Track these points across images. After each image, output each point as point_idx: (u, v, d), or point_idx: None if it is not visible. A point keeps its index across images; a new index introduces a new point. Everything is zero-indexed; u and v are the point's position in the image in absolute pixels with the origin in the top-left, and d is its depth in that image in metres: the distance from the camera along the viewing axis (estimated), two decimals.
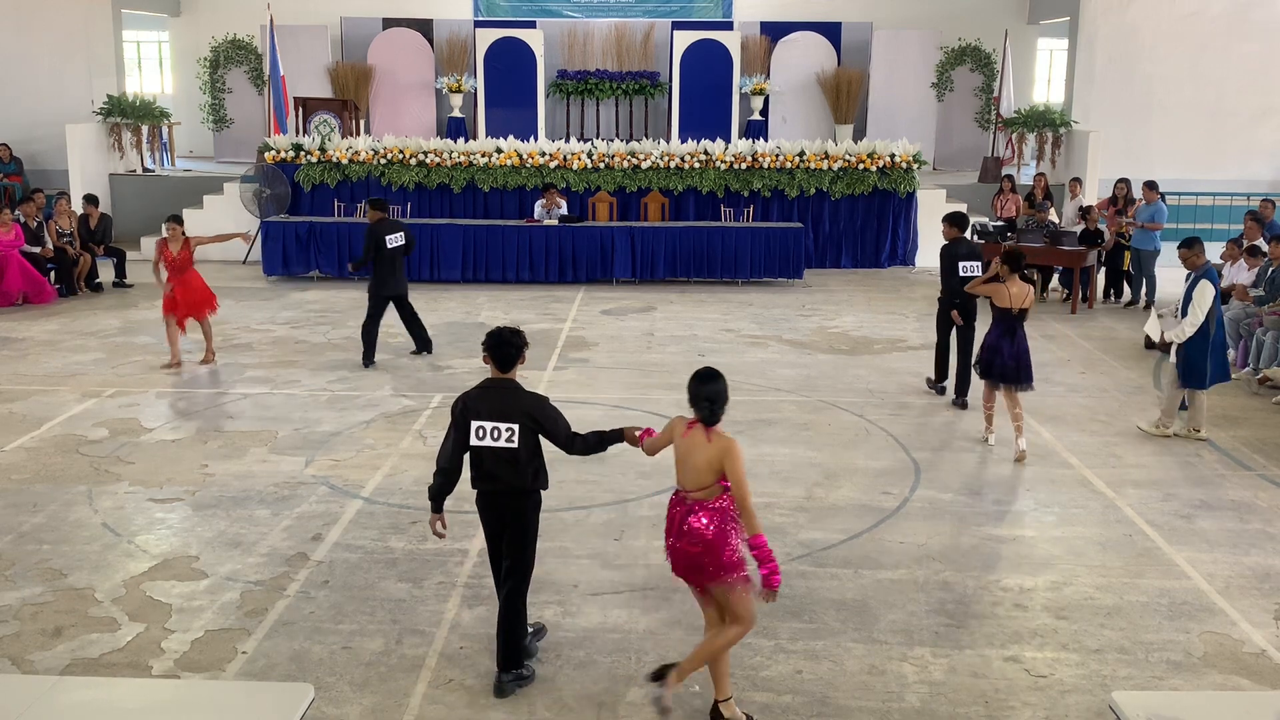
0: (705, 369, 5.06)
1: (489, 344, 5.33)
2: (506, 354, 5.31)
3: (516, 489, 5.30)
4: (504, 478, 5.28)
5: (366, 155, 16.53)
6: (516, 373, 5.37)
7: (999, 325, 8.77)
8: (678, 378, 10.74)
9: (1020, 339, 8.72)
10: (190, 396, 10.11)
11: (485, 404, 5.25)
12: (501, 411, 5.22)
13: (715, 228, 15.75)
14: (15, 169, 18.13)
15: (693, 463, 4.94)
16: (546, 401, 5.37)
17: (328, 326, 12.91)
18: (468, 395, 5.34)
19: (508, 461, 5.25)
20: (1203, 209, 17.76)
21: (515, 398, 5.29)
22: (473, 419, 5.24)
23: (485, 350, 5.36)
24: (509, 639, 5.38)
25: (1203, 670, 5.64)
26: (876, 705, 5.29)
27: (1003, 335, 8.71)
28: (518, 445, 5.22)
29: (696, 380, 5.01)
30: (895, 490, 7.97)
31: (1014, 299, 8.71)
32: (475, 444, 5.24)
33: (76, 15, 19.11)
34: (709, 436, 4.92)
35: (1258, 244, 12.38)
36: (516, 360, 5.34)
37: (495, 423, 5.21)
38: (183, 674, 5.49)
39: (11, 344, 11.95)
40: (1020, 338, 8.73)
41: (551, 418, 5.31)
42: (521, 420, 5.22)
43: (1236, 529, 7.39)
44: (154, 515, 7.48)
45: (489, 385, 5.34)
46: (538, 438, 5.32)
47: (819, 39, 21.11)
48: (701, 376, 5.02)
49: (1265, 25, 18.15)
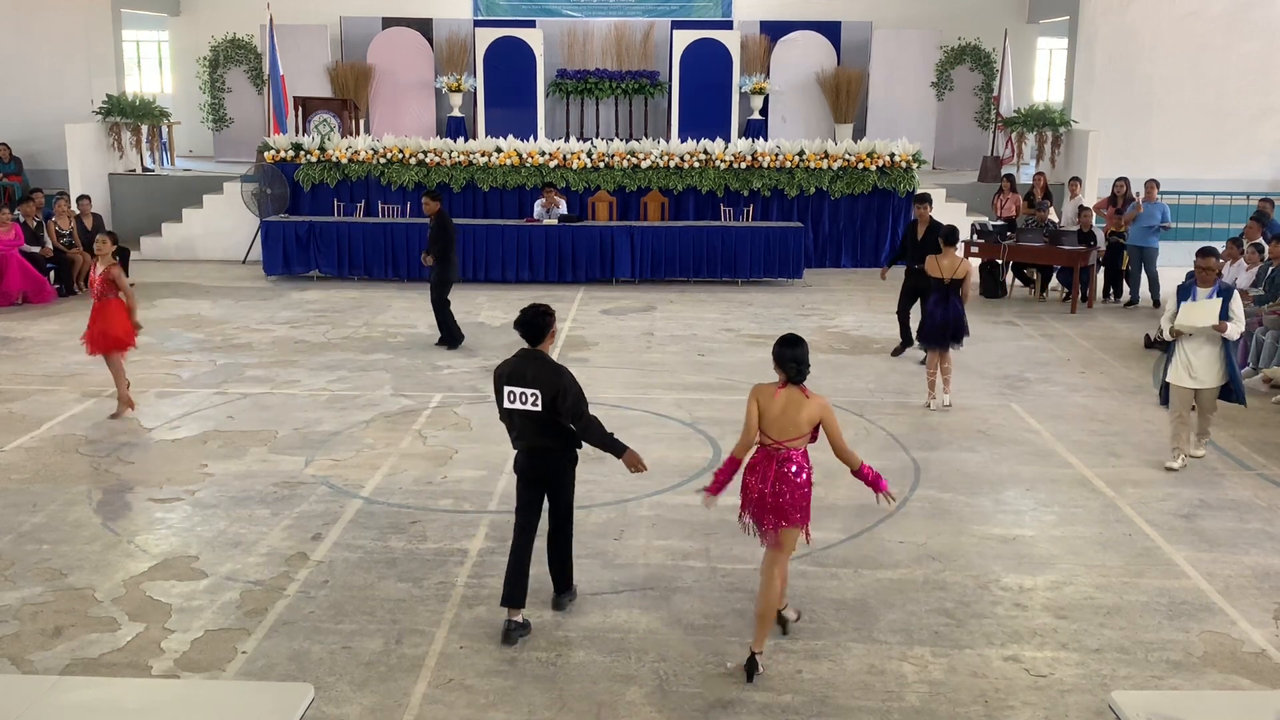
0: (789, 335, 5.60)
1: (520, 320, 5.89)
2: (534, 328, 5.86)
3: (546, 448, 5.89)
4: (533, 438, 5.85)
5: (366, 155, 16.53)
6: (547, 345, 5.89)
7: (934, 294, 9.95)
8: (677, 377, 10.79)
9: (954, 305, 9.79)
10: (190, 396, 10.11)
11: (516, 371, 5.82)
12: (528, 378, 5.77)
13: (715, 227, 15.76)
14: (15, 169, 18.12)
15: (791, 417, 5.48)
16: (565, 373, 5.82)
17: (327, 326, 12.91)
18: (504, 363, 5.94)
19: (535, 423, 5.80)
20: (1203, 209, 17.76)
21: (541, 366, 5.80)
22: (505, 385, 5.82)
23: (516, 326, 5.92)
24: (562, 566, 6.20)
25: (1202, 670, 5.64)
26: (876, 705, 5.29)
27: (937, 303, 9.86)
28: (542, 409, 5.73)
29: (782, 344, 5.52)
30: (895, 490, 7.91)
31: (944, 270, 9.79)
32: (507, 407, 5.83)
33: (76, 15, 19.11)
34: (805, 393, 5.51)
35: (1259, 242, 12.37)
36: (544, 334, 5.86)
37: (522, 388, 5.76)
38: (183, 674, 5.50)
39: (11, 344, 11.95)
40: (954, 304, 9.79)
41: (564, 389, 5.74)
42: (543, 387, 5.72)
43: (1236, 529, 7.39)
44: (154, 515, 7.48)
45: (521, 354, 5.89)
46: None
47: (819, 38, 21.12)
48: (786, 341, 5.54)
49: (1265, 25, 18.16)
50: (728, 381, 10.69)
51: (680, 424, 9.33)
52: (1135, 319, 13.79)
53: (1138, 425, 9.54)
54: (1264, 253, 12.05)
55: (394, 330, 12.73)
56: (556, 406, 5.73)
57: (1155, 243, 14.48)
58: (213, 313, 13.53)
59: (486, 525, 7.30)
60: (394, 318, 13.38)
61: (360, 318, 13.37)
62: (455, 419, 9.50)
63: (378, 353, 11.68)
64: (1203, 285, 8.22)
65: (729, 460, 5.66)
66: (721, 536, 7.12)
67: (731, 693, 5.36)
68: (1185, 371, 8.27)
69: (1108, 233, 14.95)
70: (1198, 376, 8.24)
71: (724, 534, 7.16)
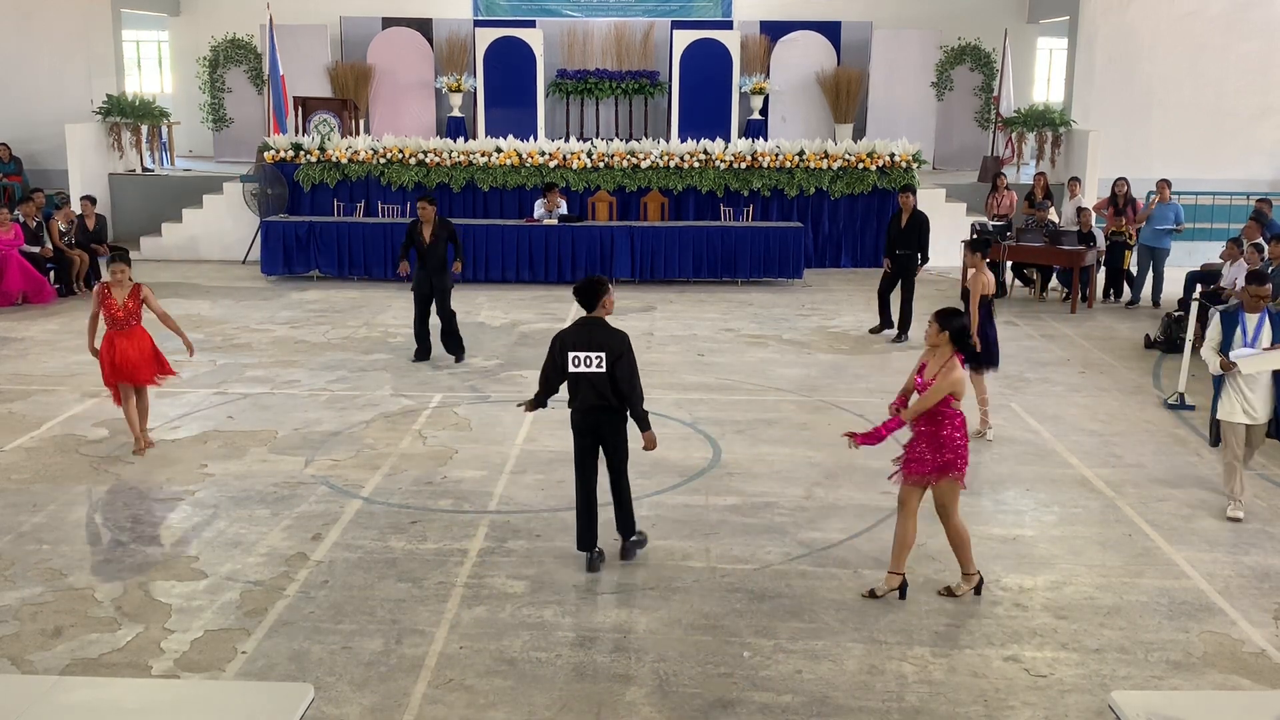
0: (948, 309, 6.32)
1: (577, 288, 6.55)
2: (589, 297, 6.47)
3: (604, 406, 6.45)
4: (593, 397, 6.42)
5: (366, 155, 16.53)
6: (603, 313, 6.48)
7: (983, 311, 9.32)
8: (677, 377, 10.79)
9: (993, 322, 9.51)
10: (190, 396, 10.11)
11: (579, 337, 6.43)
12: (591, 343, 6.38)
13: (715, 227, 15.75)
14: (15, 169, 18.12)
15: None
16: (625, 340, 6.43)
17: (327, 326, 12.91)
18: (564, 331, 6.53)
19: (597, 383, 6.39)
20: (1202, 208, 17.75)
21: (603, 332, 6.44)
22: (569, 350, 6.39)
23: (575, 294, 6.56)
24: (622, 509, 6.69)
25: (1202, 670, 5.64)
26: (876, 705, 5.29)
27: (988, 320, 9.37)
28: (605, 370, 6.34)
29: (949, 315, 6.24)
30: (895, 490, 7.94)
31: (987, 286, 9.38)
32: (573, 371, 6.40)
33: (76, 15, 19.11)
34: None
35: (1258, 242, 12.36)
36: (598, 300, 6.46)
37: (587, 352, 6.36)
38: (182, 674, 5.50)
39: (11, 344, 11.95)
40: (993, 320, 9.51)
41: (622, 353, 6.36)
42: (608, 350, 6.34)
43: (1236, 529, 7.39)
44: (154, 515, 7.48)
45: (582, 322, 6.52)
46: None
47: (819, 38, 21.11)
48: (946, 313, 6.27)
49: (1264, 24, 18.15)
50: (727, 381, 10.69)
51: (680, 424, 9.33)
52: (1135, 319, 13.79)
53: (1138, 425, 9.54)
54: (1264, 252, 12.04)
55: (394, 330, 12.72)
56: (615, 369, 6.30)
57: (1168, 244, 14.49)
58: (212, 313, 13.53)
59: (486, 525, 7.30)
60: (394, 318, 13.37)
61: (360, 318, 13.37)
62: (455, 419, 9.50)
63: (378, 353, 11.68)
64: (1251, 312, 7.57)
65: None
66: (721, 536, 7.12)
67: (731, 693, 5.36)
68: (1240, 408, 7.53)
69: (1108, 233, 14.95)
70: (1255, 412, 7.53)
71: (724, 534, 7.16)
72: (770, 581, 6.52)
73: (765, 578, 6.57)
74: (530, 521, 7.37)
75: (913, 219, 12.38)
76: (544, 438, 8.92)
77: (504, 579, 6.53)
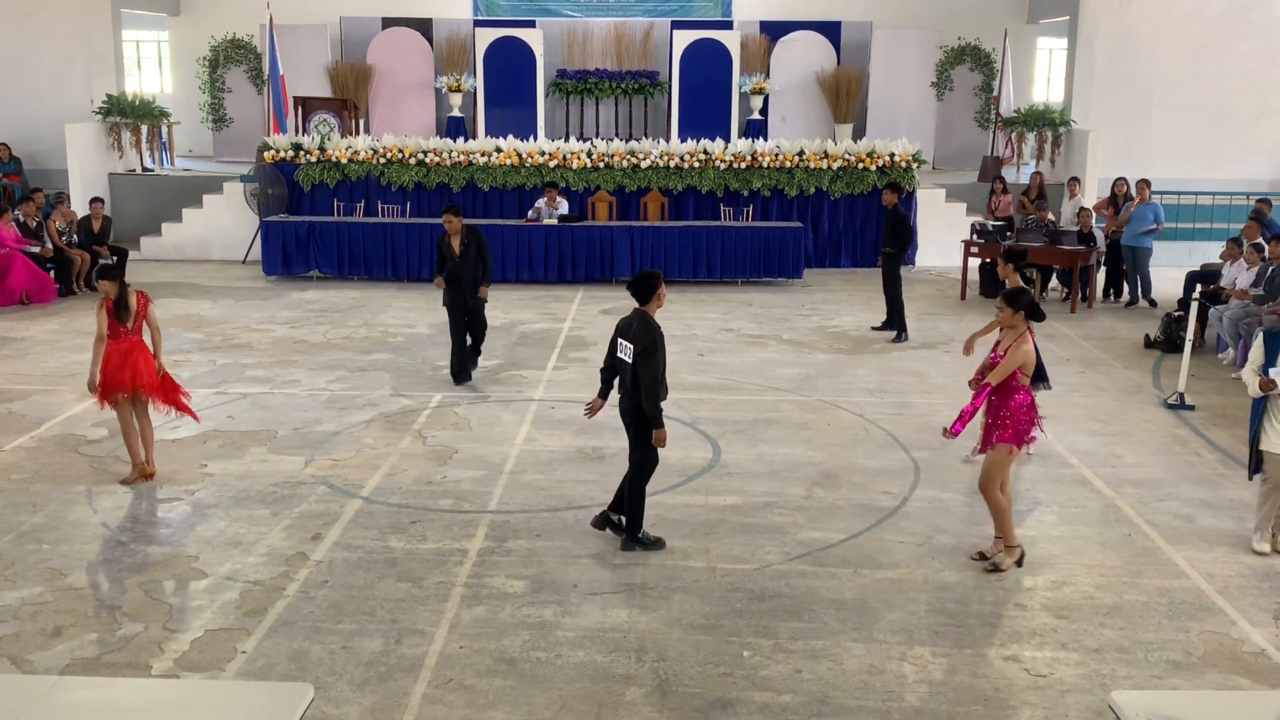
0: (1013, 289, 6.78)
1: (630, 281, 6.69)
2: (640, 288, 6.62)
3: (634, 398, 6.59)
4: (629, 386, 6.60)
5: (366, 155, 16.53)
6: (653, 307, 6.61)
7: None
8: (677, 377, 10.76)
9: None
10: (190, 397, 10.08)
11: (626, 326, 6.65)
12: (629, 333, 6.59)
13: (715, 227, 15.75)
14: (15, 169, 18.12)
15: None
16: (657, 335, 6.53)
17: (327, 326, 12.91)
18: (623, 319, 6.74)
19: (629, 374, 6.57)
20: (1202, 208, 17.76)
21: (641, 324, 6.57)
22: (618, 337, 6.65)
23: (628, 287, 6.70)
24: (621, 509, 6.84)
25: (1202, 670, 5.64)
26: (876, 705, 5.29)
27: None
28: (633, 361, 6.49)
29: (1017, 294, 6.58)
30: (895, 489, 7.97)
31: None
32: (618, 357, 6.64)
33: (76, 15, 19.10)
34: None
35: (1258, 242, 12.37)
36: (650, 294, 6.60)
37: (626, 341, 6.57)
38: (182, 674, 5.50)
39: (11, 344, 11.95)
40: None
41: (647, 346, 6.46)
42: (636, 342, 6.48)
43: (1236, 529, 7.39)
44: (154, 515, 7.48)
45: (633, 313, 6.67)
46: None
47: (818, 38, 21.11)
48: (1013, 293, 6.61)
49: (1264, 24, 18.14)
50: (727, 381, 10.69)
51: (680, 424, 9.33)
52: (1135, 319, 13.79)
53: (1138, 425, 9.54)
54: (1264, 252, 12.05)
55: (394, 330, 12.73)
56: (639, 362, 6.45)
57: (1148, 243, 14.48)
58: (212, 313, 13.53)
59: (486, 525, 7.30)
60: (394, 318, 13.38)
61: (360, 318, 13.37)
62: (455, 419, 9.50)
63: (378, 353, 11.68)
64: None
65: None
66: (721, 536, 7.12)
67: (731, 693, 5.36)
68: None
69: (1107, 233, 14.95)
70: None
71: (724, 534, 7.16)
72: (770, 581, 6.52)
73: (765, 577, 6.57)
74: (530, 521, 7.37)
75: (891, 216, 12.64)
76: (544, 438, 8.92)
77: (504, 579, 6.53)
